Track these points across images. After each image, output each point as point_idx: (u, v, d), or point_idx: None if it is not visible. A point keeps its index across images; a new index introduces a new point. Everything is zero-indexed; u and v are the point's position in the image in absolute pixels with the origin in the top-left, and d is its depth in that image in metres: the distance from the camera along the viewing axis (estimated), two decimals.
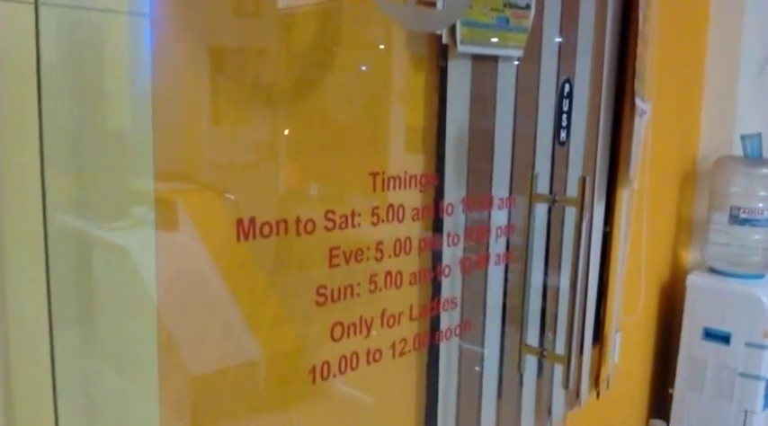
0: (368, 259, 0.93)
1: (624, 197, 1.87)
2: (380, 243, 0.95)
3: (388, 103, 0.98)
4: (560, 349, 1.50)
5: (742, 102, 2.31)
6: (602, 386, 1.88)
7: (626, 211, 1.89)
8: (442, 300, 1.09)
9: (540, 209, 1.34)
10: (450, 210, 1.08)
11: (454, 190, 1.10)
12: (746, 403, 2.10)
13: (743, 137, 2.15)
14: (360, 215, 0.90)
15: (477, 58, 1.11)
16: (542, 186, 1.34)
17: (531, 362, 1.40)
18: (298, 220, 0.82)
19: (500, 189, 1.21)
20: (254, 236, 0.77)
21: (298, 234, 0.83)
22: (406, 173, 0.99)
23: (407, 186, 0.99)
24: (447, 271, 1.09)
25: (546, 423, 1.55)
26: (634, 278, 2.06)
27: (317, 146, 0.86)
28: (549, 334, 1.45)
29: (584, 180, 1.14)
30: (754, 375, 2.08)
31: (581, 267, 1.41)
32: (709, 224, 2.21)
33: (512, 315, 1.29)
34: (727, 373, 2.13)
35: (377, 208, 0.93)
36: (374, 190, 0.93)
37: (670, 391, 2.25)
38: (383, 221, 0.94)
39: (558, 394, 1.57)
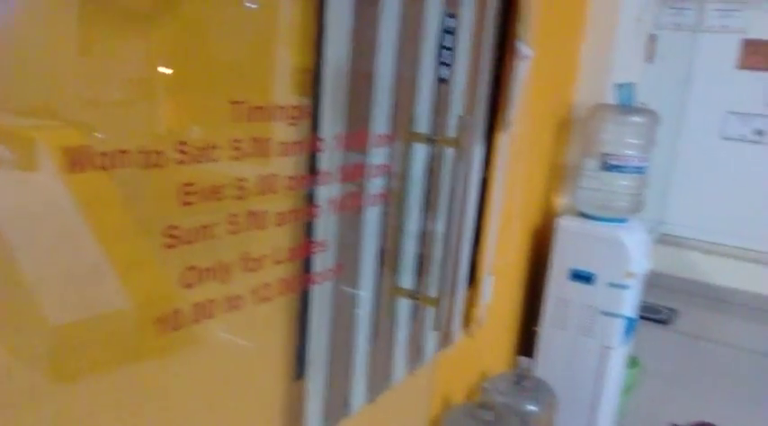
0: (228, 197, 0.84)
1: (502, 141, 1.87)
2: (243, 179, 0.86)
3: (260, 29, 0.87)
4: (434, 292, 1.49)
5: (618, 51, 2.37)
6: (474, 326, 1.92)
7: (503, 155, 1.90)
8: (313, 242, 1.03)
9: (420, 150, 1.29)
10: (323, 147, 1.01)
11: (329, 126, 1.02)
12: (606, 339, 2.22)
13: (617, 86, 2.21)
14: (218, 148, 0.81)
15: None
16: (423, 125, 1.29)
17: (404, 305, 1.38)
18: (143, 151, 0.72)
19: (379, 126, 1.15)
20: (89, 168, 0.67)
21: (144, 167, 0.73)
22: (274, 104, 0.90)
23: (275, 118, 0.91)
24: (319, 212, 1.03)
25: (418, 364, 1.55)
26: (508, 221, 2.09)
27: (169, 69, 0.75)
28: (423, 277, 1.43)
29: (463, 119, 1.10)
30: (614, 313, 2.20)
31: (457, 210, 1.39)
32: (581, 170, 2.28)
33: (386, 257, 1.25)
34: (590, 311, 2.23)
35: (239, 140, 0.84)
36: (236, 121, 0.83)
37: (536, 329, 2.34)
38: (246, 155, 0.86)
39: (431, 335, 1.57)
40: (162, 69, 0.74)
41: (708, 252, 3.75)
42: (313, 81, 0.98)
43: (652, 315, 3.32)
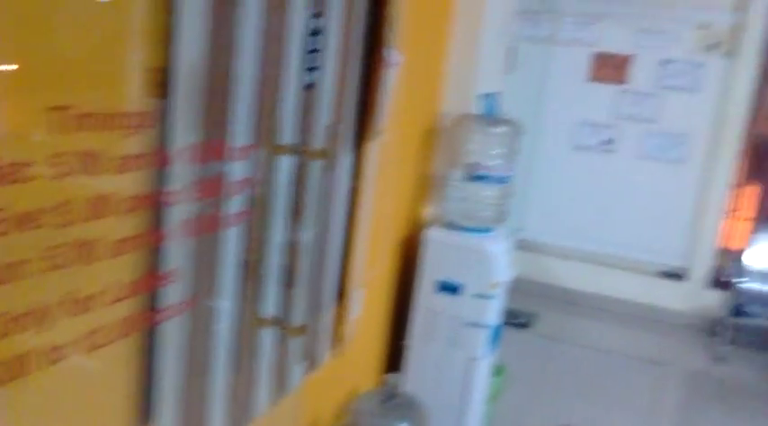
0: (48, 225, 0.69)
1: (371, 150, 1.80)
2: (68, 202, 0.71)
3: (96, 21, 0.72)
4: (301, 316, 1.38)
5: (482, 61, 2.38)
6: (342, 343, 1.83)
7: (372, 165, 1.83)
8: (162, 273, 0.89)
9: (285, 161, 1.18)
10: (174, 160, 0.87)
11: (181, 135, 0.89)
12: (471, 350, 2.22)
13: (481, 96, 2.21)
14: (34, 164, 0.65)
15: None
16: (288, 135, 1.18)
17: (268, 334, 1.26)
18: None
19: (239, 136, 1.03)
20: None
21: None
22: (112, 110, 0.75)
23: (114, 127, 0.76)
24: (168, 236, 0.89)
25: (283, 392, 1.44)
26: (377, 233, 2.02)
27: None
28: (290, 299, 1.32)
29: (331, 129, 1.00)
30: (480, 324, 2.20)
31: (326, 223, 1.29)
32: (447, 180, 2.26)
33: (249, 281, 1.13)
34: (456, 323, 2.22)
35: (61, 155, 0.69)
36: (57, 131, 0.68)
37: (404, 343, 2.29)
38: (74, 173, 0.71)
39: (297, 361, 1.46)
40: None
41: (564, 257, 3.91)
42: (163, 84, 0.84)
43: (513, 319, 3.40)
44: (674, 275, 3.76)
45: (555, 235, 4.00)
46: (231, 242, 1.05)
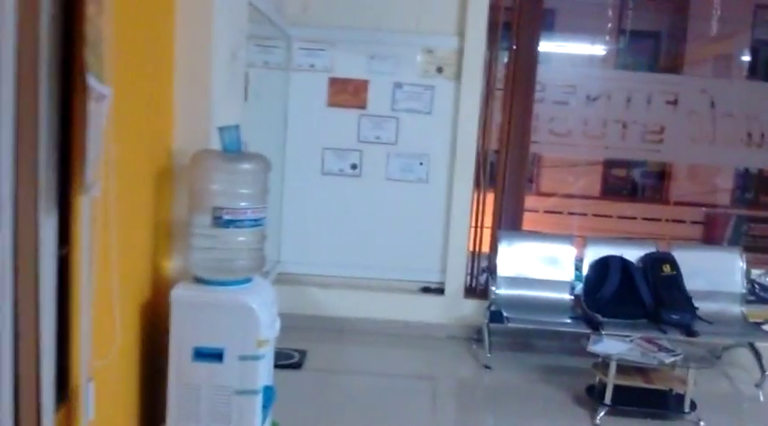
0: None
1: (84, 206, 1.42)
2: None
3: None
4: None
5: (216, 91, 2.09)
6: None
7: (87, 224, 1.45)
8: None
9: None
10: None
11: None
12: (244, 422, 1.91)
13: (220, 130, 1.93)
14: None
15: None
16: None
17: None
18: None
19: None
20: None
21: None
22: None
23: None
24: None
25: None
26: (107, 306, 1.62)
27: None
28: None
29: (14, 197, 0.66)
30: (250, 390, 1.91)
31: (25, 318, 0.91)
32: (191, 228, 1.93)
33: None
34: (222, 393, 1.90)
35: None
36: None
37: None
38: None
39: None
40: None
41: (325, 287, 3.76)
42: None
43: (284, 361, 3.14)
44: (434, 290, 3.80)
45: (313, 264, 3.84)
46: None
